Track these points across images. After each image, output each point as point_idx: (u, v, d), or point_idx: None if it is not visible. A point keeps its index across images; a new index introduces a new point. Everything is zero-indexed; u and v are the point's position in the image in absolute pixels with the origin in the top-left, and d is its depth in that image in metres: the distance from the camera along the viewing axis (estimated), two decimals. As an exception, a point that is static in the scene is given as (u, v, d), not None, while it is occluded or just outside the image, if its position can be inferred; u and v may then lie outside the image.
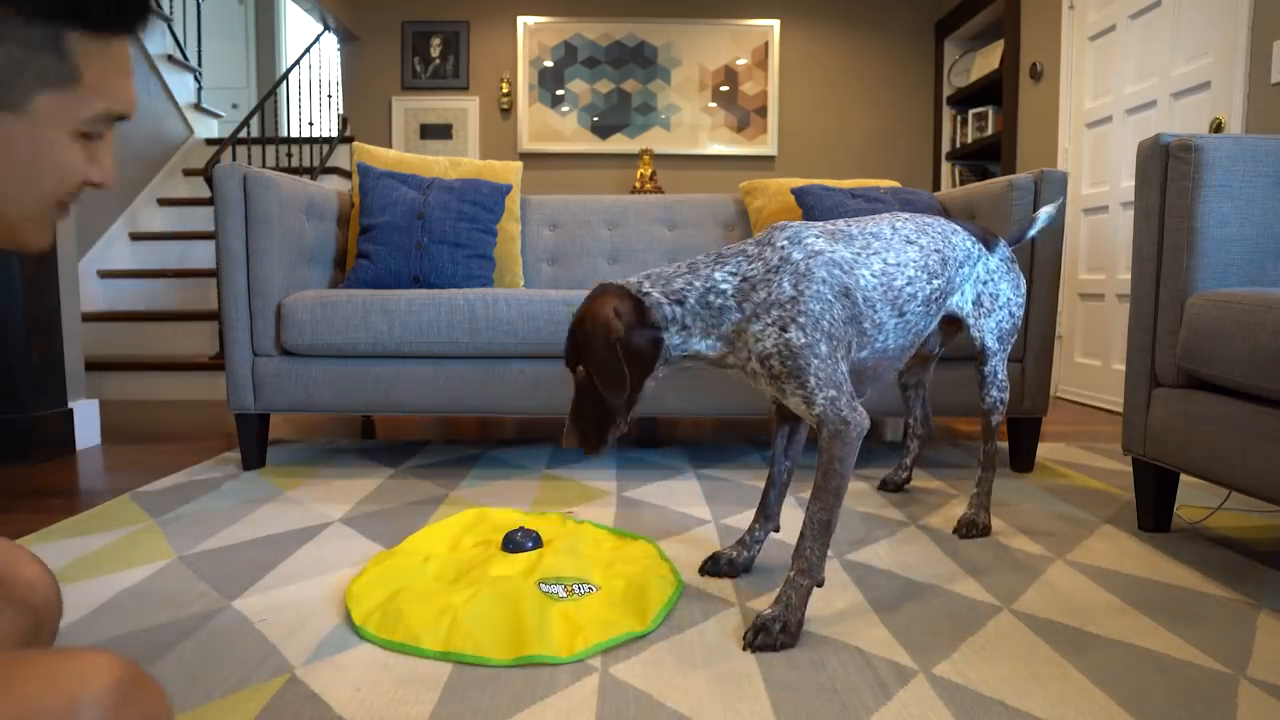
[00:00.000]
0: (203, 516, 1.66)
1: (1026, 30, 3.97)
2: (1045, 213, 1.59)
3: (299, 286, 2.19)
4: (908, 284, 1.24)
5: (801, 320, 1.10)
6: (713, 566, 1.34)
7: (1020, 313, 1.51)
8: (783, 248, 1.14)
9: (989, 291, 1.46)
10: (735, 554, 1.34)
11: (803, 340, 1.09)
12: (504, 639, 1.05)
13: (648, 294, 1.13)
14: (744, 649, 1.05)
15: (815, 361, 1.10)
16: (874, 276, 1.19)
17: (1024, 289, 1.53)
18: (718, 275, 1.14)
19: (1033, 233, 1.61)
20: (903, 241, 1.27)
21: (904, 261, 1.24)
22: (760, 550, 1.36)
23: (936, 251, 1.32)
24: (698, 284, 1.14)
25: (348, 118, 5.24)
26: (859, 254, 1.20)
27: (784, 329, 1.10)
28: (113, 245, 4.31)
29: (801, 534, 1.12)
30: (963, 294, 1.44)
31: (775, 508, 1.35)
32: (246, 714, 0.89)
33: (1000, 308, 1.48)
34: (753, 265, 1.14)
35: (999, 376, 1.53)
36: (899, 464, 1.88)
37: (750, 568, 1.35)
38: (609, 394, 1.11)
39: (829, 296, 1.12)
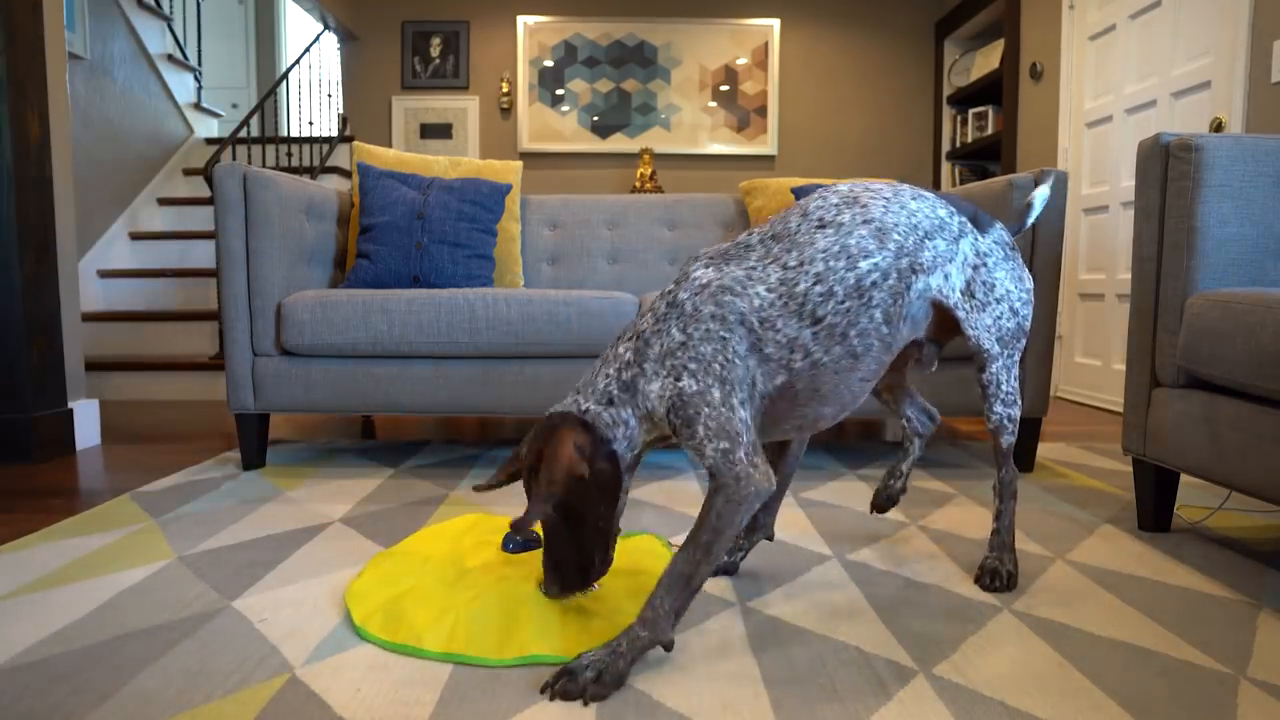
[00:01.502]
0: (203, 516, 1.66)
1: (1026, 30, 3.97)
2: (1039, 195, 1.37)
3: (299, 286, 2.19)
4: (815, 283, 1.05)
5: (693, 366, 1.01)
6: None
7: (1026, 312, 1.26)
8: (670, 291, 1.07)
9: (981, 279, 1.21)
10: None
11: (695, 388, 1.00)
12: (506, 640, 1.05)
13: (587, 410, 1.04)
14: (542, 692, 0.94)
15: (706, 410, 1.00)
16: (770, 291, 1.05)
17: (1029, 285, 1.28)
18: (621, 348, 1.06)
19: (1031, 219, 1.39)
20: (812, 229, 1.09)
21: (809, 257, 1.07)
22: (745, 556, 1.34)
23: (866, 223, 1.10)
24: (611, 370, 1.06)
25: (347, 117, 5.24)
26: (755, 268, 1.07)
27: (677, 378, 1.01)
28: (113, 245, 4.31)
29: (659, 581, 0.99)
30: (947, 278, 1.17)
31: (762, 519, 1.33)
32: (246, 714, 0.89)
33: (997, 301, 1.22)
34: (643, 321, 1.07)
35: (1003, 387, 1.25)
36: (891, 468, 1.50)
37: (735, 570, 1.34)
38: (591, 536, 1.05)
39: (721, 334, 1.02)
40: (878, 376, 1.15)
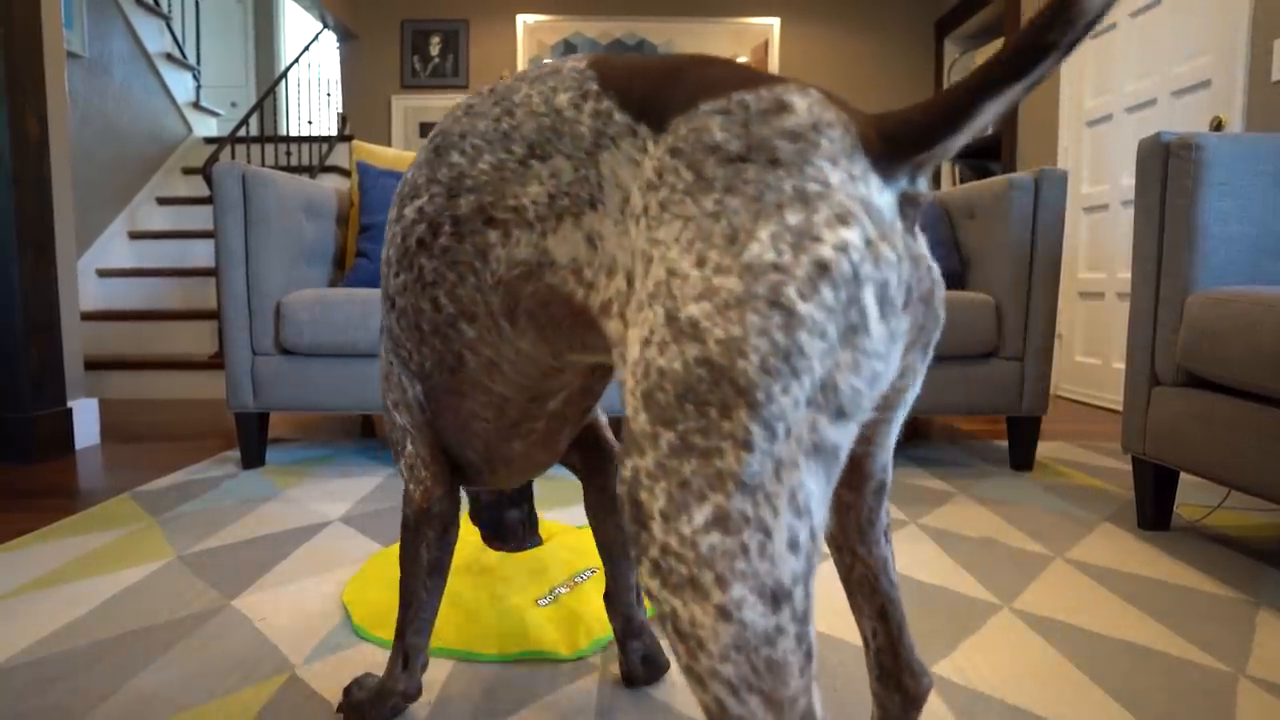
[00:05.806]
0: (202, 515, 1.66)
1: (1026, 28, 3.96)
2: None
3: (298, 285, 2.19)
4: (389, 248, 0.75)
5: (380, 362, 0.83)
6: None
7: (726, 333, 0.40)
8: None
9: (640, 245, 0.48)
10: None
11: (382, 386, 0.82)
12: (505, 639, 1.05)
13: None
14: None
15: (382, 384, 0.82)
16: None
17: (778, 258, 0.41)
18: None
19: None
20: None
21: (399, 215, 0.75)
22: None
23: (431, 142, 0.69)
24: None
25: (347, 116, 5.24)
26: None
27: None
28: (111, 244, 4.30)
29: None
30: (592, 242, 0.54)
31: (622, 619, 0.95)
32: (247, 713, 0.89)
33: (650, 299, 0.45)
34: None
35: (653, 526, 0.42)
36: None
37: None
38: None
39: (384, 323, 0.81)
40: (516, 424, 0.74)
